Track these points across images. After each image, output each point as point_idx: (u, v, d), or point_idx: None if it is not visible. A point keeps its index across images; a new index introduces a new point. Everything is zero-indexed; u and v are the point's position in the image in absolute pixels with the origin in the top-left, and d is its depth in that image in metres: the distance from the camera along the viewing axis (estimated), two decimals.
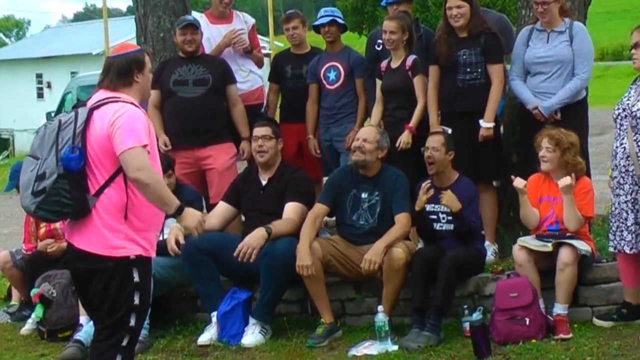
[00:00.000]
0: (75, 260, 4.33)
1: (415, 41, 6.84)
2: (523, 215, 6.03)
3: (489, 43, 6.47)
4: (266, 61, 8.47)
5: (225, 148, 7.06)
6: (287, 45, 7.84)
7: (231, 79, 7.17)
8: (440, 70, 6.57)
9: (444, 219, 6.11)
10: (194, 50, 7.09)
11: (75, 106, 4.39)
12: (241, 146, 7.14)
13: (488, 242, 6.56)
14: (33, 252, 7.15)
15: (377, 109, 6.86)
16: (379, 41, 7.09)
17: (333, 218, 6.59)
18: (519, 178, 5.98)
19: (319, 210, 6.26)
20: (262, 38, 13.93)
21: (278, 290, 6.16)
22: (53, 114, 15.44)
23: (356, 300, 6.37)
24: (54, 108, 19.46)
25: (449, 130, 6.42)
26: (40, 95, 34.89)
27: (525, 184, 5.97)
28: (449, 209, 6.03)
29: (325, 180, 6.88)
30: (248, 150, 6.98)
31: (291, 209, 6.30)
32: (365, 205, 6.24)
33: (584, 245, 5.80)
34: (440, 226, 6.14)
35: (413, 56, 6.70)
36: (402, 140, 6.55)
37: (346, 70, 7.19)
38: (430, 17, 29.80)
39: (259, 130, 6.52)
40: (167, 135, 7.00)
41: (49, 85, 33.94)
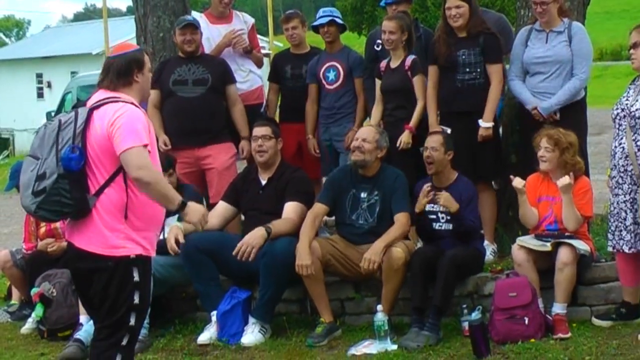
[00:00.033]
0: (75, 260, 4.34)
1: (415, 41, 6.84)
2: (522, 214, 6.03)
3: (488, 43, 6.47)
4: (266, 61, 8.47)
5: (224, 148, 7.07)
6: (287, 45, 7.85)
7: (231, 78, 7.17)
8: (440, 70, 6.58)
9: (443, 218, 6.12)
10: (193, 50, 7.09)
11: (75, 106, 4.39)
12: (240, 145, 7.14)
13: (487, 242, 6.56)
14: (33, 252, 7.15)
15: (377, 109, 6.87)
16: (378, 41, 7.10)
17: (332, 218, 6.60)
18: (518, 178, 5.98)
19: (319, 210, 6.26)
20: (262, 38, 13.94)
21: (277, 289, 6.16)
22: (53, 114, 15.46)
23: (355, 300, 6.38)
24: (54, 108, 19.45)
25: (448, 130, 6.43)
26: (40, 95, 34.87)
27: (524, 184, 5.98)
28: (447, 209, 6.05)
29: (325, 180, 6.89)
30: (247, 149, 6.99)
31: (291, 208, 6.30)
32: (365, 204, 6.24)
33: (582, 245, 5.80)
34: (439, 226, 6.15)
35: (412, 56, 6.71)
36: (403, 140, 6.55)
37: (345, 70, 7.19)
38: (429, 17, 29.79)
39: (258, 130, 6.52)
40: (167, 135, 7.01)
41: (49, 85, 33.92)
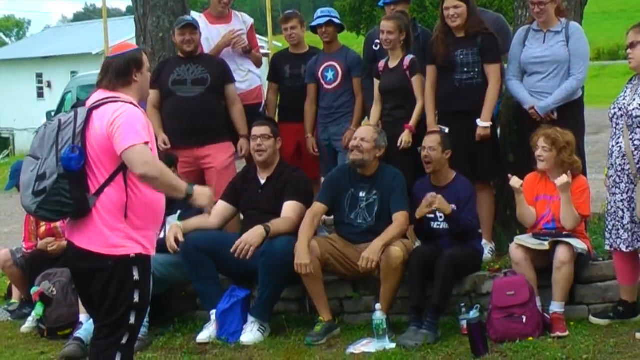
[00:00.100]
0: (75, 259, 4.35)
1: (413, 41, 6.85)
2: (520, 213, 6.05)
3: (486, 43, 6.49)
4: (265, 61, 8.49)
5: (223, 147, 7.08)
6: (286, 45, 7.85)
7: (230, 78, 7.18)
8: (438, 70, 6.59)
9: (441, 217, 6.12)
10: (192, 50, 7.11)
11: (75, 106, 4.40)
12: (239, 143, 7.15)
13: (485, 241, 6.57)
14: (33, 251, 7.17)
15: (376, 109, 6.88)
16: (377, 41, 7.11)
17: (331, 217, 6.61)
18: (515, 177, 6.00)
19: (317, 209, 6.27)
20: (261, 38, 13.93)
21: (276, 288, 6.18)
22: (53, 114, 15.47)
23: (354, 299, 6.39)
24: (54, 107, 19.45)
25: (446, 130, 6.44)
26: (40, 94, 34.85)
27: (522, 184, 5.99)
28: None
29: (324, 179, 6.90)
30: (246, 147, 7.00)
31: (289, 208, 6.32)
32: (363, 204, 6.25)
33: (580, 244, 5.82)
34: (437, 225, 6.16)
35: (411, 56, 6.72)
36: (403, 139, 6.57)
37: (344, 70, 7.21)
38: (427, 17, 29.84)
39: (257, 130, 6.54)
40: (166, 135, 7.03)
41: (49, 84, 33.90)
